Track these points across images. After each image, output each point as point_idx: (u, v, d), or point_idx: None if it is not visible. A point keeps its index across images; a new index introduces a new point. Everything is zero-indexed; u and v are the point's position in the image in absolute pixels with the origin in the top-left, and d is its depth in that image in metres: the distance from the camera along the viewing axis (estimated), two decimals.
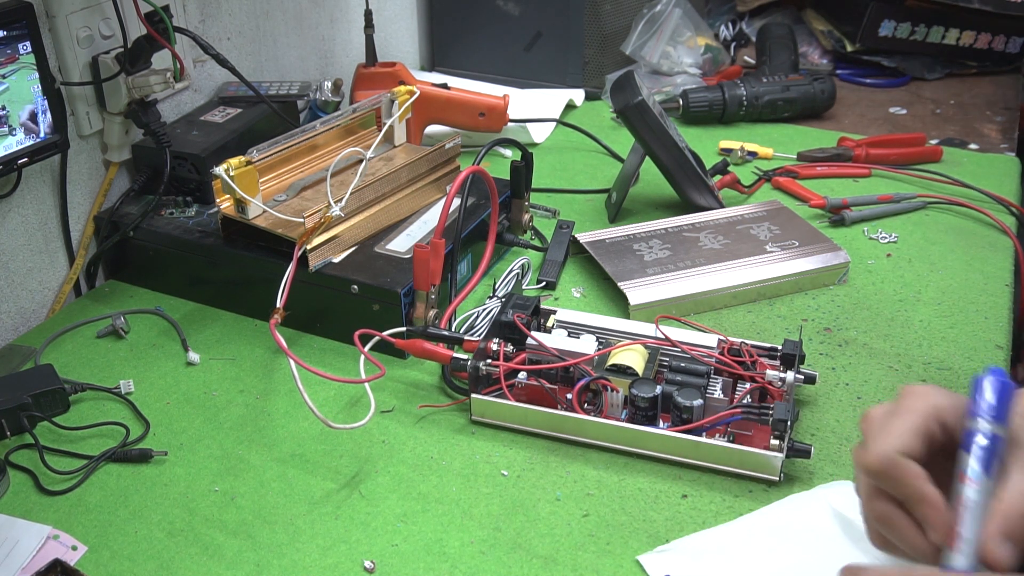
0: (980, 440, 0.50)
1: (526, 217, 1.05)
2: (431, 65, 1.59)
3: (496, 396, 0.80)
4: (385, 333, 0.84)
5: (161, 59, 0.99)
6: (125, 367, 0.90)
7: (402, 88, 1.05)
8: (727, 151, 1.27)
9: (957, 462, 0.51)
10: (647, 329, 0.87)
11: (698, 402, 0.75)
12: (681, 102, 1.36)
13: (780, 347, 0.83)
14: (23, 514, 0.73)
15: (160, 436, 0.81)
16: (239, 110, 1.11)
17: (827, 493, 0.71)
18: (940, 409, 0.53)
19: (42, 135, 0.90)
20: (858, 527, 0.66)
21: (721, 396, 0.80)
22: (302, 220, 0.89)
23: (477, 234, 1.00)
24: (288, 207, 0.95)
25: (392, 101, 1.04)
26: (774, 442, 0.73)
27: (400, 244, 0.95)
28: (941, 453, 0.53)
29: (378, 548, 0.70)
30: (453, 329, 0.92)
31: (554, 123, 1.36)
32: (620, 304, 0.96)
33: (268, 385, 0.87)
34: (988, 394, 0.52)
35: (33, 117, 0.89)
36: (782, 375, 0.79)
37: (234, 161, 0.89)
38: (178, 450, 0.80)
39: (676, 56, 1.43)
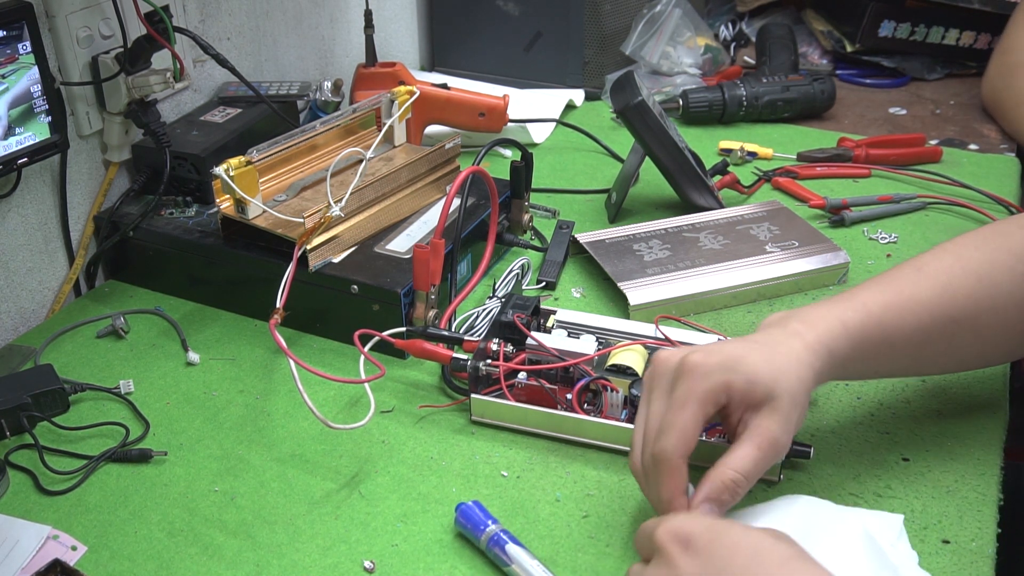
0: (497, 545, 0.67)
1: (526, 217, 1.05)
2: (431, 65, 1.59)
3: (496, 396, 0.80)
4: (385, 333, 0.84)
5: (161, 59, 0.99)
6: (125, 367, 0.90)
7: (402, 88, 1.05)
8: (727, 151, 1.27)
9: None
10: (647, 329, 0.87)
11: None
12: (681, 102, 1.36)
13: None
14: (23, 514, 0.73)
15: (160, 436, 0.81)
16: (239, 110, 1.11)
17: (865, 518, 0.67)
18: (716, 393, 0.62)
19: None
20: (889, 560, 0.64)
21: None
22: (302, 220, 0.89)
23: (477, 234, 1.00)
24: (288, 207, 0.95)
25: (392, 101, 1.04)
26: None
27: (400, 244, 0.95)
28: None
29: (378, 548, 0.70)
30: (453, 329, 0.92)
31: (554, 123, 1.36)
32: (620, 304, 0.96)
33: (268, 385, 0.87)
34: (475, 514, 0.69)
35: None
36: None
37: (234, 161, 0.89)
38: (178, 450, 0.80)
39: (676, 56, 1.43)
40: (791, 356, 0.65)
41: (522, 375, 0.81)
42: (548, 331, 0.87)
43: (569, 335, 0.86)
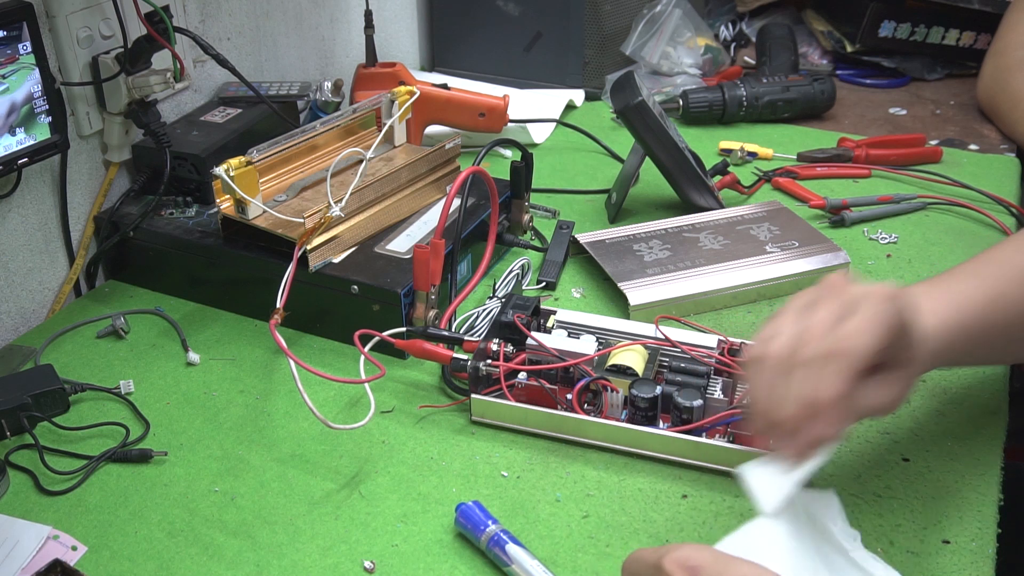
0: None
1: (526, 217, 1.05)
2: (431, 65, 1.59)
3: (496, 396, 0.80)
4: (385, 333, 0.84)
5: (161, 59, 0.99)
6: (125, 367, 0.90)
7: (402, 88, 1.05)
8: (727, 151, 1.27)
9: None
10: (647, 329, 0.87)
11: (698, 402, 0.75)
12: (681, 102, 1.36)
13: None
14: (23, 514, 0.73)
15: (160, 436, 0.81)
16: (239, 110, 1.11)
17: (802, 498, 0.65)
18: (898, 329, 0.59)
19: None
20: (836, 540, 0.63)
21: (721, 396, 0.80)
22: (302, 220, 0.89)
23: (477, 234, 1.00)
24: (288, 207, 0.95)
25: (392, 101, 1.04)
26: (774, 443, 0.73)
27: (400, 244, 0.95)
28: None
29: (378, 548, 0.70)
30: (453, 329, 0.92)
31: (554, 123, 1.36)
32: (620, 304, 0.96)
33: (268, 385, 0.87)
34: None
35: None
36: None
37: (234, 161, 0.89)
38: (178, 450, 0.80)
39: (676, 56, 1.43)
40: (926, 339, 0.63)
41: (522, 375, 0.81)
42: (548, 331, 0.87)
43: (569, 335, 0.86)
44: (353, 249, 0.94)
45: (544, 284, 1.00)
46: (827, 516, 0.66)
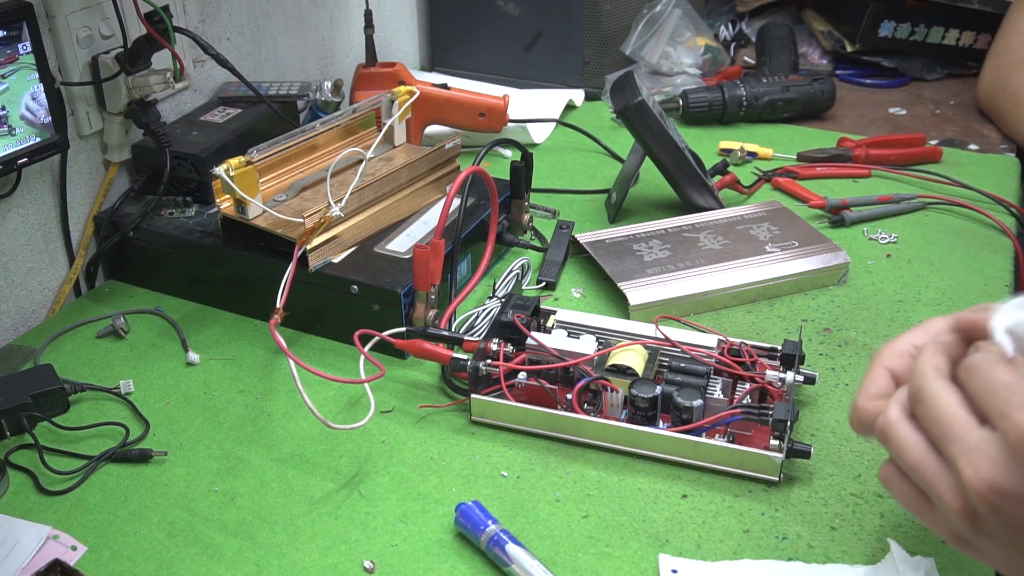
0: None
1: (526, 217, 1.05)
2: (431, 65, 1.59)
3: (496, 396, 0.80)
4: (385, 333, 0.84)
5: (161, 59, 0.99)
6: (125, 367, 0.90)
7: (402, 88, 1.05)
8: (727, 151, 1.27)
9: None
10: (647, 329, 0.87)
11: (698, 402, 0.75)
12: (681, 102, 1.36)
13: (780, 347, 0.83)
14: (23, 514, 0.73)
15: (160, 436, 0.81)
16: (239, 110, 1.11)
17: (902, 565, 0.66)
18: None
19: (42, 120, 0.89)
20: None
21: (721, 396, 0.80)
22: (302, 220, 0.89)
23: (477, 234, 1.00)
24: (288, 207, 0.95)
25: (392, 101, 1.04)
26: (774, 442, 0.73)
27: (400, 244, 0.95)
28: None
29: (378, 548, 0.70)
30: (453, 329, 0.92)
31: (554, 123, 1.36)
32: (620, 304, 0.96)
33: (268, 385, 0.87)
34: None
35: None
36: (782, 375, 0.79)
37: (234, 161, 0.89)
38: (178, 450, 0.80)
39: (676, 56, 1.43)
40: None
41: (522, 375, 0.81)
42: (548, 331, 0.87)
43: (569, 335, 0.86)
44: (353, 249, 0.94)
45: (544, 284, 1.00)
46: None
